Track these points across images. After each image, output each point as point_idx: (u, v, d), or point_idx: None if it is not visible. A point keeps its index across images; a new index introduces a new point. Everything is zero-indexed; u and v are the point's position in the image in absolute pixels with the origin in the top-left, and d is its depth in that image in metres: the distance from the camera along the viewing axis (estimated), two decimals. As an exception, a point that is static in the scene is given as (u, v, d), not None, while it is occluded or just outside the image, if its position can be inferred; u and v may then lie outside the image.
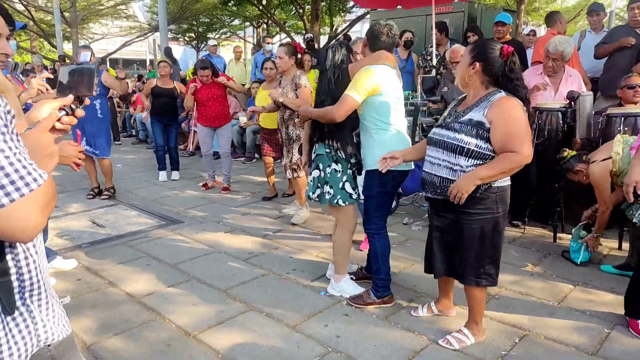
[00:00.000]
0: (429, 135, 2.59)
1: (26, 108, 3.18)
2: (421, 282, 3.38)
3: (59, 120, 1.16)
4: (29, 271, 1.05)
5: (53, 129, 1.14)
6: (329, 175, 3.05)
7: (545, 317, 2.91)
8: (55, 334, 1.13)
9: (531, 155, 2.29)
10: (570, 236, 3.87)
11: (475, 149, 2.34)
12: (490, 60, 2.35)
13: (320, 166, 3.08)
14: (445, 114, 2.59)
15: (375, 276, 3.09)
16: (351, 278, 3.37)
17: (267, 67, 5.36)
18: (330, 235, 3.84)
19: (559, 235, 4.19)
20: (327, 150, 3.05)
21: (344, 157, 3.04)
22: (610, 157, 3.30)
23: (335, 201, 3.07)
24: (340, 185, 3.06)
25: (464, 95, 2.58)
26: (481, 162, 2.35)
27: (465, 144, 2.35)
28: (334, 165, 3.04)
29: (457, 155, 2.39)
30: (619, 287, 3.29)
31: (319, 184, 3.09)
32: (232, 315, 2.96)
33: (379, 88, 2.82)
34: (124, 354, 2.58)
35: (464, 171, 2.37)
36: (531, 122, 2.43)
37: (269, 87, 5.26)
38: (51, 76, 3.12)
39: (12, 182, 0.87)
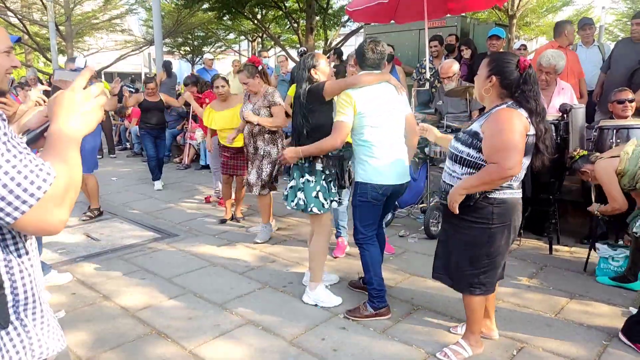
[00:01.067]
0: None
1: None
2: (418, 295, 3.37)
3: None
4: (24, 285, 1.04)
5: None
6: (302, 185, 3.21)
7: (542, 329, 2.91)
8: (50, 349, 1.11)
9: (514, 168, 2.24)
10: (566, 247, 3.86)
11: (467, 157, 2.41)
12: (506, 73, 2.35)
13: (295, 176, 3.25)
14: None
15: (369, 287, 3.10)
16: (348, 287, 3.47)
17: (217, 86, 5.02)
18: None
19: (554, 247, 4.20)
20: (302, 162, 3.19)
21: (314, 169, 3.19)
22: (619, 156, 3.23)
23: (309, 209, 3.19)
24: (314, 194, 3.18)
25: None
26: (474, 171, 2.40)
27: (460, 153, 2.45)
28: (307, 176, 3.19)
29: (454, 163, 2.49)
30: (615, 298, 3.30)
31: (295, 193, 3.24)
32: (229, 329, 2.94)
33: (355, 110, 2.93)
34: (119, 369, 2.56)
35: (459, 178, 2.45)
36: (539, 134, 2.37)
37: (224, 107, 5.03)
38: (49, 88, 3.13)
39: (25, 190, 0.90)
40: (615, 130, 3.92)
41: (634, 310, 3.08)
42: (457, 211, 2.43)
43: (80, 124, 1.06)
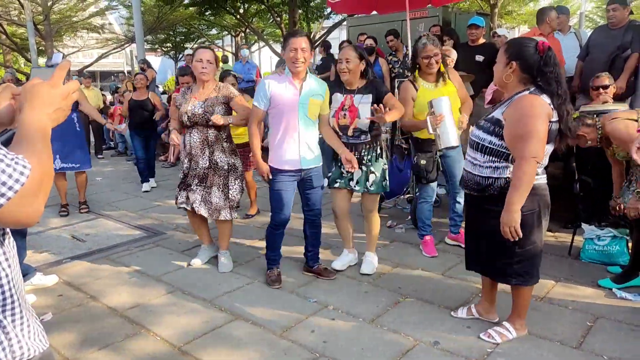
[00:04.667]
0: None
1: None
2: (406, 285, 3.40)
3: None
4: (1, 285, 1.03)
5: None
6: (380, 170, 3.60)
7: (529, 313, 2.93)
8: (32, 350, 1.10)
9: (535, 153, 2.23)
10: (550, 232, 3.88)
11: (489, 145, 2.41)
12: (525, 57, 2.33)
13: (374, 161, 3.60)
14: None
15: None
16: None
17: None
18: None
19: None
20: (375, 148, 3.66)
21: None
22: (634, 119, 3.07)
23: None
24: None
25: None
26: (495, 158, 2.40)
27: (482, 141, 2.44)
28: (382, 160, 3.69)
29: (475, 151, 2.49)
30: (599, 281, 3.35)
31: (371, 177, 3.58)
32: (218, 325, 2.94)
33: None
34: (108, 369, 2.54)
35: (482, 166, 2.45)
36: (562, 117, 2.33)
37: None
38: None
39: (4, 183, 0.92)
40: (595, 115, 3.96)
41: (617, 292, 3.14)
42: (520, 233, 2.31)
43: (51, 119, 1.07)
